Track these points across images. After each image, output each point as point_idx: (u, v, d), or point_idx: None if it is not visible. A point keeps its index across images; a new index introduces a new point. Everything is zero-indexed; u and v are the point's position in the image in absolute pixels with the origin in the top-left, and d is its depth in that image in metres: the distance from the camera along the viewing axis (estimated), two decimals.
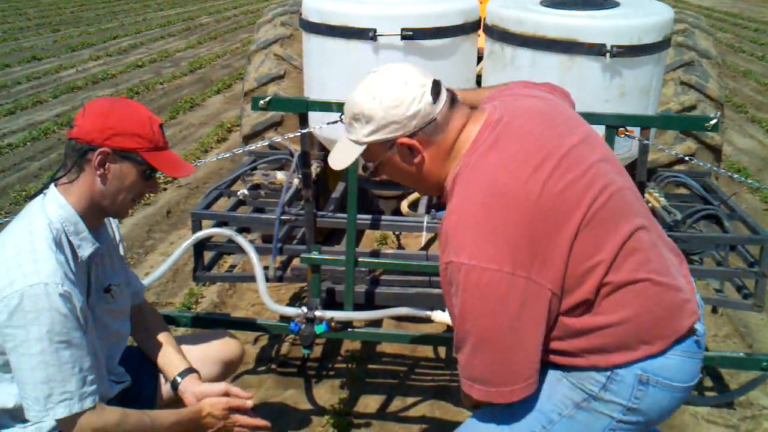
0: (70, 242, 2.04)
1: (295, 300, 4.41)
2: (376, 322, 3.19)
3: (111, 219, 2.34)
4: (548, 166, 1.75)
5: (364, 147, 1.87)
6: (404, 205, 3.67)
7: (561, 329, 1.79)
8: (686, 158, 3.13)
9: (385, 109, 1.80)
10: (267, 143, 3.54)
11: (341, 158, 1.93)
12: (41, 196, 2.08)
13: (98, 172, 2.03)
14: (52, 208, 2.03)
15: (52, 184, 2.08)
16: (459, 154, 1.85)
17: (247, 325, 3.32)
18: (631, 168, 3.57)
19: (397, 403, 3.51)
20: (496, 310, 1.68)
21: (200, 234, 3.20)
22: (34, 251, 1.94)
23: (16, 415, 2.04)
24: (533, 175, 1.73)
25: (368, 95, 1.82)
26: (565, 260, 1.71)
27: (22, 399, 1.95)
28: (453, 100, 1.88)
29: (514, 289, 1.67)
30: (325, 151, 4.18)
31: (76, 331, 1.94)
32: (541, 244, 1.69)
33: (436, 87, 1.83)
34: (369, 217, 3.34)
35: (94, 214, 2.11)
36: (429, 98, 1.80)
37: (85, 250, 2.08)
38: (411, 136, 1.83)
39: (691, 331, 1.83)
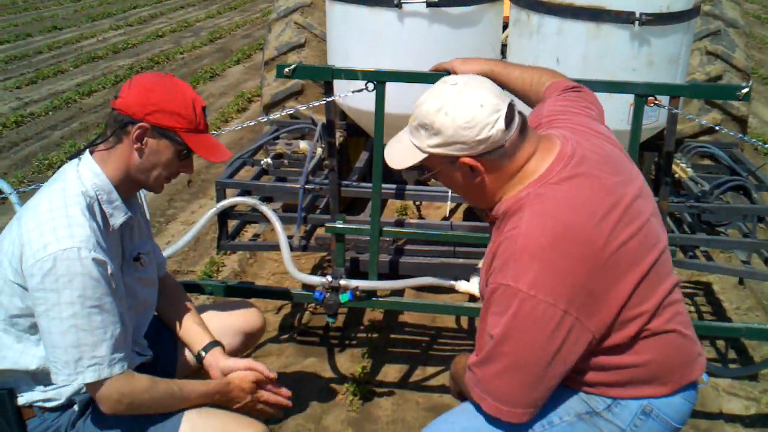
0: (102, 211, 2.05)
1: (315, 271, 4.42)
2: (399, 292, 3.19)
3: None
4: (614, 215, 1.78)
5: (426, 156, 1.85)
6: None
7: (584, 363, 1.83)
8: (716, 128, 3.09)
9: (455, 128, 1.76)
10: (289, 112, 3.52)
11: (400, 158, 1.90)
12: (76, 161, 2.09)
13: (135, 146, 2.04)
14: (87, 176, 2.03)
15: (87, 151, 2.09)
16: (524, 181, 1.83)
17: (273, 293, 3.33)
18: (659, 138, 3.54)
19: (417, 373, 3.53)
20: (540, 342, 1.72)
21: (225, 202, 3.21)
22: (68, 216, 1.94)
23: (38, 378, 2.06)
24: (601, 223, 1.75)
25: (441, 109, 1.77)
26: (617, 311, 1.76)
27: (51, 363, 1.96)
28: (524, 125, 1.84)
29: (562, 327, 1.71)
30: (347, 120, 4.17)
31: (107, 296, 1.95)
32: (595, 291, 1.73)
33: (510, 112, 1.80)
34: (393, 186, 3.32)
35: (128, 186, 2.12)
36: (502, 125, 1.76)
37: (117, 218, 2.09)
38: (475, 157, 1.80)
39: (697, 381, 1.94)
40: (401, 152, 1.90)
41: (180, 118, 2.03)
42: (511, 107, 1.80)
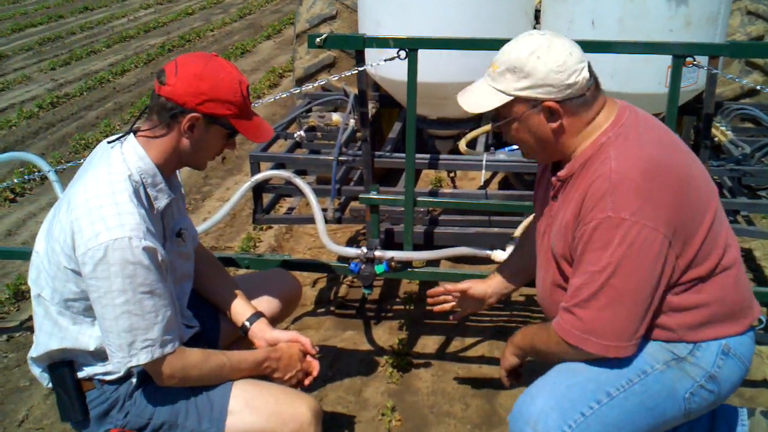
0: (147, 194, 2.06)
1: (351, 244, 4.41)
2: (435, 263, 3.17)
3: None
4: (684, 154, 1.93)
5: (510, 99, 1.90)
6: (462, 144, 3.61)
7: (665, 307, 1.90)
8: (758, 87, 3.01)
9: (547, 71, 1.84)
10: (322, 83, 3.50)
11: (478, 102, 1.95)
12: (119, 143, 2.08)
13: (185, 135, 2.04)
14: (132, 159, 2.04)
15: (132, 133, 2.08)
16: (596, 131, 1.92)
17: (308, 265, 3.33)
18: (697, 101, 3.46)
19: (455, 344, 3.51)
20: (648, 267, 1.80)
21: (259, 176, 3.21)
22: (117, 204, 1.95)
23: (97, 354, 2.10)
24: (678, 158, 1.89)
25: (534, 53, 1.85)
26: (699, 246, 1.85)
27: (106, 345, 2.01)
28: (597, 81, 1.94)
29: (662, 251, 1.80)
30: (379, 92, 4.14)
31: (158, 282, 1.97)
32: (686, 221, 1.83)
33: (590, 67, 1.89)
34: (427, 156, 3.30)
35: (172, 167, 2.13)
36: (587, 74, 1.87)
37: (161, 201, 2.10)
38: (559, 101, 1.87)
39: (758, 321, 2.05)
40: (479, 97, 1.96)
41: (231, 105, 2.03)
42: (589, 64, 1.90)
